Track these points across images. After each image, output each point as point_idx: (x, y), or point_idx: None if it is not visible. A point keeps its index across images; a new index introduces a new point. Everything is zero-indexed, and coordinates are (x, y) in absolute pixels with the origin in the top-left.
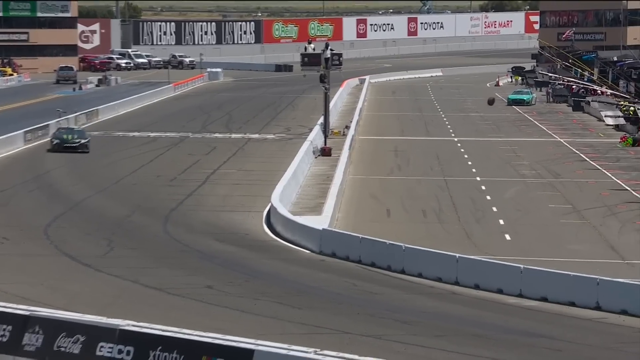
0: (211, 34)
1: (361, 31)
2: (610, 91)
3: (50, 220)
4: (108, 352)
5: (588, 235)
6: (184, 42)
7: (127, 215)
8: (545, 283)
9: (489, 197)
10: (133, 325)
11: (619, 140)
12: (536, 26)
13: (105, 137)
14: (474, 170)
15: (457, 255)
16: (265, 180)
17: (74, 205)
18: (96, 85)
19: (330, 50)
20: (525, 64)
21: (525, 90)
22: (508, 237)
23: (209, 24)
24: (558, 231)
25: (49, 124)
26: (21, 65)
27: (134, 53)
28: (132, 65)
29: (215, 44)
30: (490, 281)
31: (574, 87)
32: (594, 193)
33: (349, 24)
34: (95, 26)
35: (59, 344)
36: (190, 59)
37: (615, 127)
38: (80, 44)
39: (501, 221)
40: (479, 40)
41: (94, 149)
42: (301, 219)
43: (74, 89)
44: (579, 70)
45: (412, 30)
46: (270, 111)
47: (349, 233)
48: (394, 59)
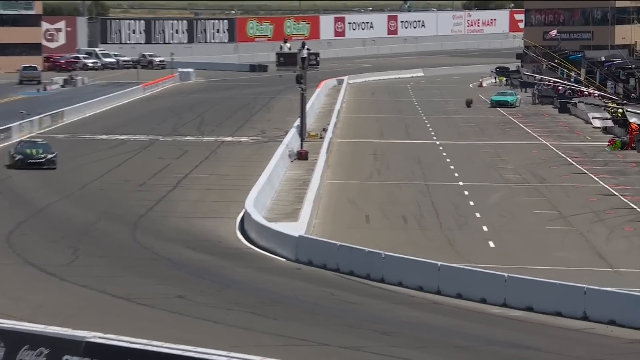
0: (182, 32)
1: (339, 30)
2: (597, 92)
3: (13, 227)
4: None
5: (575, 242)
6: (154, 41)
7: (94, 221)
8: (531, 292)
9: (472, 203)
10: (100, 337)
11: (607, 143)
12: (521, 25)
13: (71, 140)
14: (457, 174)
15: (439, 263)
16: (239, 185)
17: (38, 212)
18: (61, 86)
19: (307, 49)
20: (509, 64)
21: (510, 91)
22: (492, 244)
23: (180, 22)
24: (544, 238)
25: (11, 127)
26: None
27: (102, 52)
28: (100, 65)
29: (187, 43)
30: (473, 290)
31: (560, 88)
32: (581, 198)
33: (327, 23)
34: (61, 24)
35: (21, 357)
36: (160, 59)
37: (602, 130)
38: (44, 43)
39: (485, 228)
40: (461, 40)
41: (59, 152)
42: (276, 226)
43: (38, 90)
44: (566, 70)
45: (392, 28)
46: (244, 113)
47: (326, 240)
48: (374, 58)
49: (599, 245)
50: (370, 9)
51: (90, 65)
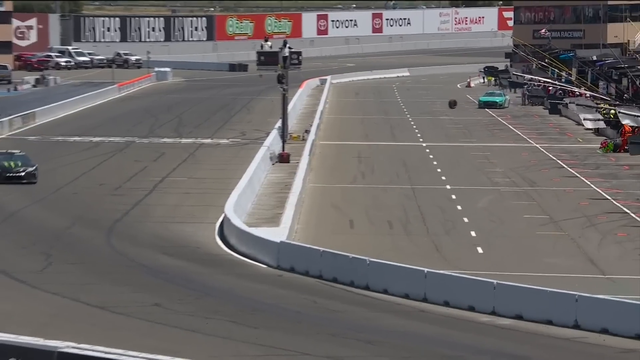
0: (159, 30)
1: (322, 28)
2: (589, 93)
3: None
4: None
5: (566, 248)
6: (130, 39)
7: (67, 227)
8: (520, 300)
9: (459, 207)
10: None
11: (599, 145)
12: (510, 23)
13: (43, 142)
14: (444, 178)
15: (426, 269)
16: (218, 189)
17: (9, 216)
18: (33, 86)
19: (289, 48)
20: (498, 64)
21: (498, 91)
22: (480, 250)
23: (157, 19)
24: (534, 243)
25: None
26: None
27: (75, 51)
28: (73, 63)
29: (164, 41)
30: (461, 298)
31: (550, 89)
32: (573, 203)
33: (309, 20)
34: (32, 21)
35: None
36: (136, 58)
37: (594, 132)
38: (15, 41)
39: (473, 233)
40: (448, 38)
41: (30, 155)
42: (257, 231)
43: (9, 90)
44: (556, 70)
45: (377, 26)
46: (224, 114)
47: (308, 246)
48: (358, 57)
49: (591, 251)
50: (354, 6)
51: (63, 64)
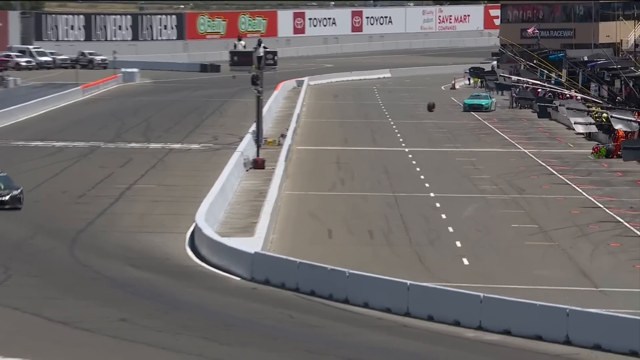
0: (126, 28)
1: (299, 26)
2: (580, 95)
3: None
4: None
5: (556, 259)
6: (95, 38)
7: (28, 237)
8: (508, 314)
9: (444, 216)
10: None
11: (591, 151)
12: (497, 21)
13: (2, 148)
14: (427, 185)
15: (409, 282)
16: (189, 197)
17: None
18: None
19: (264, 47)
20: (484, 64)
21: (484, 94)
22: (466, 262)
23: (124, 17)
24: (523, 254)
25: None
26: None
27: (36, 50)
28: (34, 64)
29: (131, 40)
30: (446, 312)
31: (539, 91)
32: (563, 211)
33: (285, 18)
34: None
35: None
36: (101, 58)
37: (586, 136)
38: None
39: (458, 243)
40: (432, 37)
41: None
42: (230, 241)
43: None
44: (545, 71)
45: (357, 25)
46: (195, 117)
47: (284, 257)
48: (336, 58)
49: (583, 263)
50: (333, 3)
51: (24, 64)
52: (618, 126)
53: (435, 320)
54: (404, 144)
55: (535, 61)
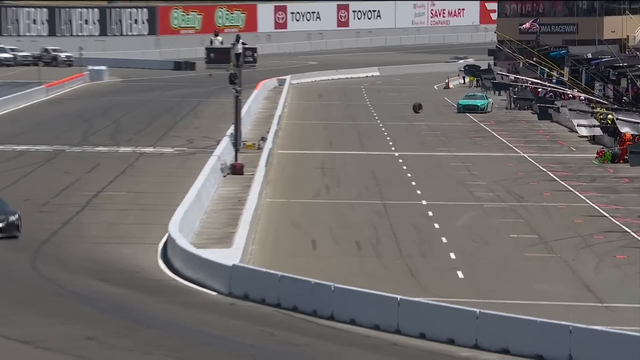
0: (93, 23)
1: (280, 21)
2: (583, 95)
3: None
4: None
5: (558, 272)
6: (59, 33)
7: None
8: (507, 331)
9: (437, 225)
10: None
11: (595, 155)
12: (493, 15)
13: None
14: (419, 192)
15: (399, 297)
16: (162, 205)
17: None
18: None
19: (242, 44)
20: (480, 62)
21: (480, 94)
22: (461, 275)
23: (91, 10)
24: (522, 267)
25: None
26: None
27: None
28: None
29: (99, 35)
30: (440, 329)
31: (539, 91)
32: (565, 220)
33: (265, 12)
34: None
35: None
36: (66, 54)
37: (590, 140)
38: None
39: (452, 255)
40: (424, 33)
41: None
42: (206, 253)
43: None
44: (546, 69)
45: (343, 19)
46: (168, 119)
47: (265, 270)
48: (321, 55)
49: (587, 276)
50: None
51: None
52: (624, 129)
53: (427, 338)
54: (393, 148)
55: (535, 58)
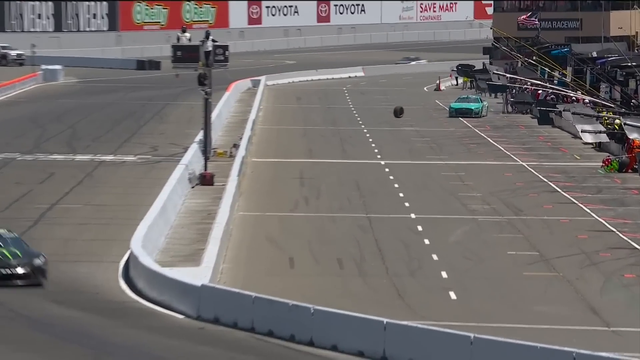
0: (47, 17)
1: (254, 16)
2: (588, 98)
3: None
4: None
5: (561, 292)
6: (9, 29)
7: None
8: (504, 358)
9: (427, 241)
10: None
11: (601, 164)
12: (489, 10)
13: None
14: (407, 204)
15: (385, 320)
16: (123, 219)
17: None
18: None
19: (213, 41)
20: (475, 61)
21: (474, 96)
22: (453, 296)
23: (44, 3)
24: (521, 287)
25: None
26: None
27: None
28: None
29: (53, 31)
30: (431, 355)
31: (540, 93)
32: (568, 235)
33: (238, 6)
34: None
35: None
36: (17, 52)
37: (595, 147)
38: None
39: (444, 274)
40: (413, 29)
41: None
42: (172, 272)
43: None
44: (547, 69)
45: (323, 14)
46: (130, 124)
47: (237, 291)
48: (299, 53)
49: (592, 297)
50: None
51: None
52: (633, 135)
53: None
54: (379, 156)
55: (534, 57)
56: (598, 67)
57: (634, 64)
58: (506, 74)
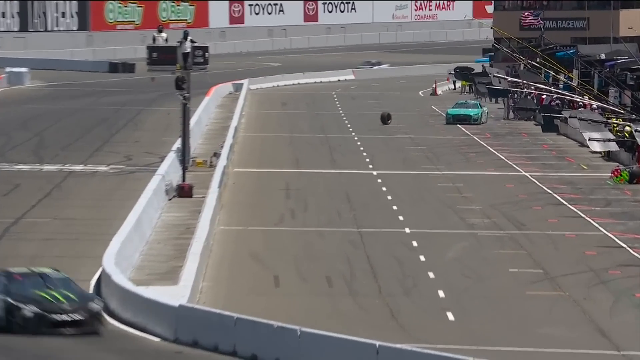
0: (12, 16)
1: (236, 14)
2: (596, 103)
3: None
4: None
5: (567, 313)
6: None
7: None
8: None
9: (423, 258)
10: None
11: (610, 174)
12: (489, 9)
13: None
14: (402, 218)
15: (378, 343)
16: (94, 234)
17: None
18: None
19: (191, 41)
20: (473, 64)
21: (473, 101)
22: (451, 317)
23: (8, 1)
24: (524, 307)
25: None
26: None
27: None
28: None
29: (19, 31)
30: None
31: (544, 98)
32: (575, 252)
33: (218, 5)
34: None
35: None
36: None
37: (603, 156)
38: None
39: (441, 293)
40: (407, 29)
41: None
42: (148, 291)
43: None
44: (552, 72)
45: (311, 13)
46: (103, 131)
47: (218, 311)
48: (285, 55)
49: (601, 318)
50: None
51: None
52: None
53: None
54: (371, 166)
55: (538, 60)
56: (607, 70)
57: None
58: (507, 78)
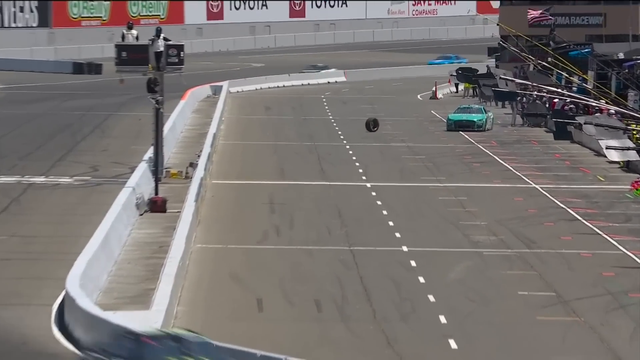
0: None
1: (214, 9)
2: (613, 108)
3: None
4: None
5: (582, 340)
6: None
7: None
8: None
9: (422, 279)
10: None
11: (629, 187)
12: (495, 4)
13: None
14: (398, 235)
15: None
16: (57, 253)
17: None
18: None
19: (165, 39)
20: (478, 64)
21: (477, 106)
22: (454, 344)
23: None
24: (534, 334)
25: None
26: None
27: None
28: None
29: None
30: None
31: (556, 102)
32: (591, 272)
33: None
34: None
35: None
36: None
37: (622, 166)
38: None
39: (443, 318)
40: (404, 26)
41: None
42: (117, 317)
43: None
44: (564, 74)
45: (297, 8)
46: (66, 139)
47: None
48: (269, 54)
49: (620, 346)
50: None
51: None
52: None
53: None
54: (364, 177)
55: (549, 59)
56: (625, 71)
57: None
58: (515, 79)
